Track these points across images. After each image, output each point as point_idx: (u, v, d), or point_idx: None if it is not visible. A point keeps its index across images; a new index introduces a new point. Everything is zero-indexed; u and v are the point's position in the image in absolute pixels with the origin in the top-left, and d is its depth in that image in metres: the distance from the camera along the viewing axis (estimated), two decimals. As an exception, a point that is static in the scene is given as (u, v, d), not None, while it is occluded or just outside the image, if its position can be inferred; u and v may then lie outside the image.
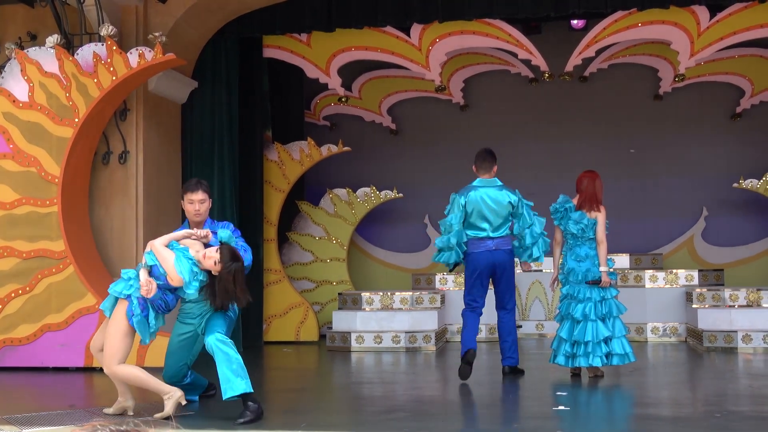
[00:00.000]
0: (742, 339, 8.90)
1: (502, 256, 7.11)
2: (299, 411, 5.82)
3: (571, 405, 5.94)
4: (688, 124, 12.09)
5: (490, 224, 7.05)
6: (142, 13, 9.11)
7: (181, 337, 5.78)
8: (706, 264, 11.72)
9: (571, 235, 7.03)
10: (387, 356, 9.11)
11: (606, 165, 11.87)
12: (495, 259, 7.09)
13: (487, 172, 7.21)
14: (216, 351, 5.37)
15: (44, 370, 8.08)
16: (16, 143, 8.29)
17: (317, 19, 9.62)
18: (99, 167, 8.85)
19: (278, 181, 11.01)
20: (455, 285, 10.68)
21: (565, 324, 6.97)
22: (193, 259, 5.35)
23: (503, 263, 7.13)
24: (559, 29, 11.61)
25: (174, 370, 5.84)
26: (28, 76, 8.34)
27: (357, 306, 9.89)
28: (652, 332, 10.11)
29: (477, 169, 7.28)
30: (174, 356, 5.82)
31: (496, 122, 12.36)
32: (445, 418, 5.65)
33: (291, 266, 11.50)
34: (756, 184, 10.99)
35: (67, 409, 5.92)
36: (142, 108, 8.97)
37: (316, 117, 12.65)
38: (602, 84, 12.13)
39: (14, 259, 8.21)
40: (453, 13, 9.45)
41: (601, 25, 10.34)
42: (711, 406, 5.83)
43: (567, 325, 6.96)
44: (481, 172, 7.24)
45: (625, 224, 11.78)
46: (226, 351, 5.36)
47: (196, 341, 5.77)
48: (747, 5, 9.79)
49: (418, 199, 12.33)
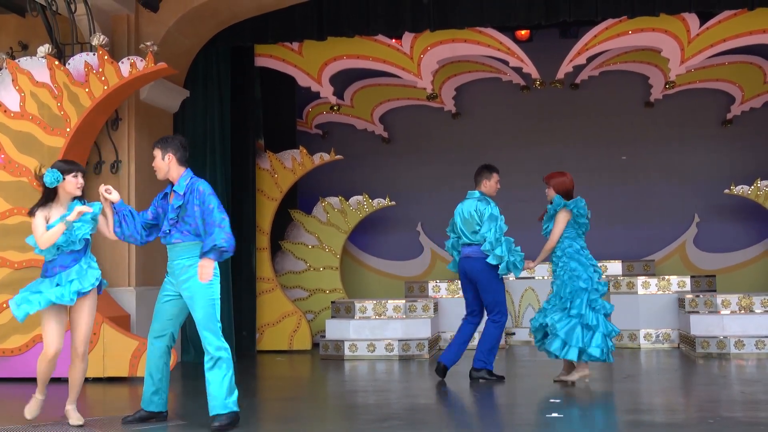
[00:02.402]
0: (735, 345, 8.92)
1: (472, 263, 7.46)
2: (292, 420, 5.81)
3: (564, 412, 5.94)
4: (679, 130, 12.14)
5: (464, 233, 7.50)
6: (134, 22, 9.11)
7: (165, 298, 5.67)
8: (698, 270, 11.75)
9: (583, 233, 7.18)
10: (380, 364, 9.11)
11: (597, 172, 11.95)
12: (466, 266, 7.52)
13: (476, 185, 7.64)
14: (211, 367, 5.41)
15: (36, 381, 8.02)
16: (7, 153, 8.27)
17: (309, 28, 9.64)
18: (91, 177, 8.82)
19: (270, 190, 11.01)
20: (448, 293, 10.69)
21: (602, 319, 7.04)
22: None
23: (473, 270, 7.46)
24: (550, 37, 11.67)
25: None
26: (19, 86, 8.33)
27: (350, 314, 9.89)
28: (645, 339, 10.13)
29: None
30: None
31: (488, 130, 12.40)
32: (438, 426, 5.65)
33: (284, 275, 11.49)
34: (747, 190, 11.04)
35: (59, 420, 5.89)
36: (134, 117, 8.96)
37: (308, 125, 12.66)
38: (593, 91, 12.18)
39: (6, 269, 8.18)
40: (444, 22, 9.48)
41: (591, 33, 10.40)
42: (704, 412, 5.84)
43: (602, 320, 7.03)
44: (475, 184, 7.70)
45: (617, 231, 11.84)
46: (222, 367, 5.39)
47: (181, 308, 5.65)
48: (736, 13, 9.86)
49: (411, 207, 12.35)
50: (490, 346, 7.45)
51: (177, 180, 5.60)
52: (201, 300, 5.45)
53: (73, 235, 5.49)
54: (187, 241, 5.54)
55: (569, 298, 6.97)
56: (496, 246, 7.25)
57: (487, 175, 7.61)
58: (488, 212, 7.38)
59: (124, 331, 8.16)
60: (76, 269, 5.54)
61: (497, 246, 7.25)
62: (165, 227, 5.59)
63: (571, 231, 7.11)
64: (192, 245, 5.53)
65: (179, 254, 5.56)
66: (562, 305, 7.01)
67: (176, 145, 5.63)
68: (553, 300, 7.12)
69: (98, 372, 8.00)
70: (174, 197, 5.57)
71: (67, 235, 5.47)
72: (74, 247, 5.53)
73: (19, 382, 7.97)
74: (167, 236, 5.58)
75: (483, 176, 7.62)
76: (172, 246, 5.59)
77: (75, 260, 5.56)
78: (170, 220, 5.55)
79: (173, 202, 5.55)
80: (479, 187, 7.60)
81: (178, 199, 5.54)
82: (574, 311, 6.92)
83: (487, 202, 7.47)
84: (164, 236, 5.60)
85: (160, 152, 5.63)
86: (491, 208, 7.41)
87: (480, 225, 7.38)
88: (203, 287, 5.46)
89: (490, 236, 7.29)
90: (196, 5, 9.10)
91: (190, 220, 5.52)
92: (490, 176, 7.60)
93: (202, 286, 5.46)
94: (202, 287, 5.46)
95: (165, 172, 5.64)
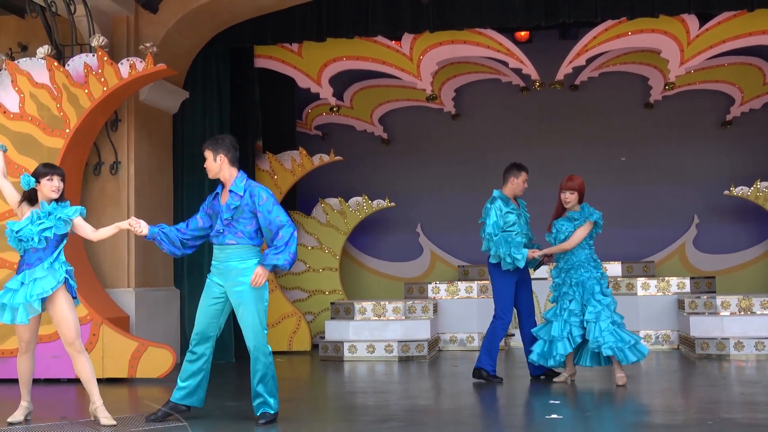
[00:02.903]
0: (734, 346, 8.92)
1: (488, 263, 7.56)
2: (292, 421, 5.80)
3: (564, 414, 5.94)
4: (679, 131, 12.13)
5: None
6: (133, 23, 9.11)
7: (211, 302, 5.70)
8: (698, 271, 11.75)
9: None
10: (380, 366, 9.10)
11: (597, 173, 11.94)
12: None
13: (503, 183, 7.62)
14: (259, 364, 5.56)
15: (35, 382, 7.97)
16: (6, 154, 8.26)
17: (308, 29, 9.64)
18: (90, 178, 8.84)
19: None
20: (448, 294, 10.68)
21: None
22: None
23: (488, 269, 7.58)
24: (550, 38, 11.66)
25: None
26: (18, 87, 8.33)
27: (350, 315, 9.88)
28: (645, 340, 10.11)
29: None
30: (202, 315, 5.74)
31: (488, 131, 12.39)
32: (438, 427, 5.64)
33: (283, 276, 11.48)
34: (747, 192, 11.04)
35: (58, 421, 5.89)
36: (134, 118, 8.96)
37: (307, 126, 12.66)
38: (593, 92, 12.17)
39: (5, 270, 8.17)
40: (444, 23, 9.48)
41: (591, 34, 10.40)
42: (703, 414, 5.83)
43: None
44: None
45: (616, 232, 11.81)
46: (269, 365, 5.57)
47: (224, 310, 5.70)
48: (736, 14, 9.86)
49: (411, 208, 12.34)
50: (487, 345, 7.46)
51: (232, 180, 5.61)
52: (253, 305, 5.52)
53: (29, 230, 5.48)
54: (241, 243, 5.55)
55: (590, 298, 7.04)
56: (492, 244, 7.26)
57: (516, 173, 7.54)
58: (485, 211, 7.41)
59: (123, 332, 8.15)
60: (39, 268, 5.54)
61: (491, 244, 7.26)
62: (218, 226, 5.57)
63: (589, 241, 7.19)
64: (246, 248, 5.56)
65: (231, 256, 5.56)
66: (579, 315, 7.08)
67: (228, 146, 5.65)
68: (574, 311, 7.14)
69: (97, 373, 7.89)
70: (230, 197, 5.57)
71: (26, 230, 5.48)
72: (34, 244, 5.51)
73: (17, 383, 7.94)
74: (220, 236, 5.58)
75: (511, 174, 7.55)
76: (224, 247, 5.58)
77: (39, 259, 5.55)
78: (224, 220, 5.54)
79: (229, 202, 5.55)
80: (504, 185, 7.55)
81: (235, 199, 5.54)
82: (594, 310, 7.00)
83: (492, 200, 7.43)
84: (216, 235, 5.60)
85: (211, 153, 5.63)
86: (488, 207, 7.39)
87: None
88: (257, 291, 5.52)
89: (485, 235, 7.34)
90: (195, 6, 9.10)
91: (245, 222, 5.53)
92: (518, 174, 7.53)
93: (256, 291, 5.52)
94: (255, 291, 5.52)
95: (216, 173, 5.66)
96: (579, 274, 7.06)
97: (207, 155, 5.66)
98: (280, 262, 5.45)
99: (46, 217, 5.52)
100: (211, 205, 5.70)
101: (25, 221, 5.53)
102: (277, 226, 5.49)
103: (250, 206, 5.51)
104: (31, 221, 5.51)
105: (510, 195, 7.52)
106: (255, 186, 5.60)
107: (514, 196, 7.56)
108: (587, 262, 7.10)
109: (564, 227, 7.19)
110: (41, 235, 5.50)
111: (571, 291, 7.08)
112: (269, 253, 5.46)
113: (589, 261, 7.11)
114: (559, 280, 7.23)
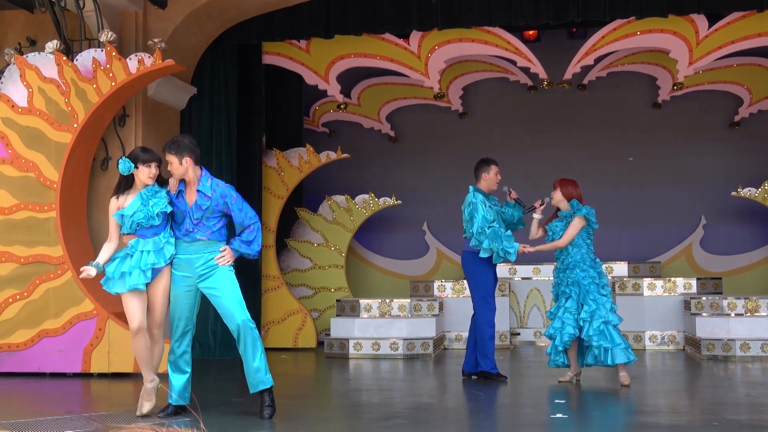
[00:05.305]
0: (740, 347, 8.90)
1: (463, 257, 7.52)
2: (297, 418, 5.81)
3: (568, 413, 5.93)
4: (687, 132, 12.10)
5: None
6: (142, 19, 9.13)
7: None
8: (705, 272, 11.72)
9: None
10: (385, 363, 9.10)
11: (604, 173, 11.93)
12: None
13: (475, 180, 7.56)
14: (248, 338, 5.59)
15: (41, 376, 8.06)
16: (14, 148, 8.29)
17: (316, 26, 9.64)
18: (98, 173, 8.85)
19: (277, 188, 11.01)
20: (453, 292, 10.68)
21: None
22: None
23: (463, 263, 7.52)
24: (558, 37, 11.64)
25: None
26: (27, 82, 8.35)
27: (355, 313, 9.89)
28: (650, 340, 10.11)
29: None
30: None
31: (495, 130, 12.38)
32: (442, 425, 5.64)
33: (289, 273, 11.50)
34: (754, 193, 11.00)
35: (64, 415, 5.90)
36: (141, 114, 8.98)
37: (315, 124, 12.66)
38: (601, 92, 12.14)
39: (12, 264, 8.21)
40: (452, 21, 9.48)
41: (599, 34, 10.38)
42: (709, 415, 5.82)
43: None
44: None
45: (623, 232, 11.81)
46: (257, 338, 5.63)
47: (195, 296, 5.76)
48: (745, 14, 9.83)
49: (417, 206, 12.34)
50: (482, 350, 7.40)
51: (197, 180, 5.63)
52: (228, 280, 5.61)
53: (149, 210, 5.55)
54: (212, 239, 5.65)
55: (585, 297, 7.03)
56: (482, 238, 7.20)
57: (485, 168, 7.48)
58: (469, 206, 7.31)
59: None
60: (153, 241, 5.59)
61: (483, 238, 7.19)
62: (188, 226, 5.62)
63: (586, 240, 7.16)
64: (216, 242, 5.68)
65: (202, 249, 5.64)
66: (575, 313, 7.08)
67: (190, 147, 5.65)
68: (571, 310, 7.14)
69: (103, 368, 8.01)
70: (198, 197, 5.61)
71: (145, 211, 5.55)
72: (153, 222, 5.59)
73: (24, 377, 7.99)
74: (190, 234, 5.63)
75: (481, 170, 7.50)
76: (193, 242, 5.64)
77: (155, 233, 5.63)
78: (194, 220, 5.60)
79: (200, 203, 5.59)
80: (478, 182, 7.50)
81: (204, 199, 5.59)
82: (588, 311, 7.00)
83: (472, 195, 7.36)
84: (186, 234, 5.64)
85: (176, 157, 5.61)
86: (473, 202, 7.30)
87: (467, 219, 7.33)
88: (228, 270, 5.63)
89: (474, 230, 7.22)
90: (203, 3, 9.12)
91: (215, 221, 5.64)
92: (488, 169, 7.47)
93: (227, 270, 5.63)
94: (227, 271, 5.63)
95: (182, 175, 5.66)
96: (575, 274, 7.08)
97: (171, 160, 5.62)
98: (250, 252, 5.70)
99: (154, 196, 5.60)
100: (176, 203, 5.70)
101: (135, 205, 5.55)
102: (250, 221, 5.70)
103: (221, 206, 5.62)
104: (143, 203, 5.55)
105: (486, 190, 7.47)
106: (221, 185, 5.68)
107: (489, 191, 7.50)
108: (583, 261, 7.10)
109: (557, 227, 7.23)
110: (159, 212, 5.58)
111: (567, 290, 7.12)
112: (239, 242, 5.67)
113: (585, 260, 7.11)
114: (558, 280, 7.26)
